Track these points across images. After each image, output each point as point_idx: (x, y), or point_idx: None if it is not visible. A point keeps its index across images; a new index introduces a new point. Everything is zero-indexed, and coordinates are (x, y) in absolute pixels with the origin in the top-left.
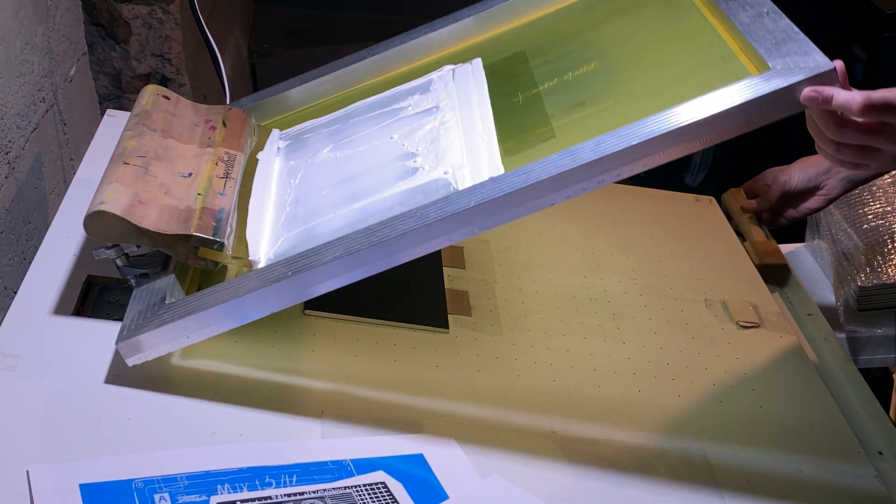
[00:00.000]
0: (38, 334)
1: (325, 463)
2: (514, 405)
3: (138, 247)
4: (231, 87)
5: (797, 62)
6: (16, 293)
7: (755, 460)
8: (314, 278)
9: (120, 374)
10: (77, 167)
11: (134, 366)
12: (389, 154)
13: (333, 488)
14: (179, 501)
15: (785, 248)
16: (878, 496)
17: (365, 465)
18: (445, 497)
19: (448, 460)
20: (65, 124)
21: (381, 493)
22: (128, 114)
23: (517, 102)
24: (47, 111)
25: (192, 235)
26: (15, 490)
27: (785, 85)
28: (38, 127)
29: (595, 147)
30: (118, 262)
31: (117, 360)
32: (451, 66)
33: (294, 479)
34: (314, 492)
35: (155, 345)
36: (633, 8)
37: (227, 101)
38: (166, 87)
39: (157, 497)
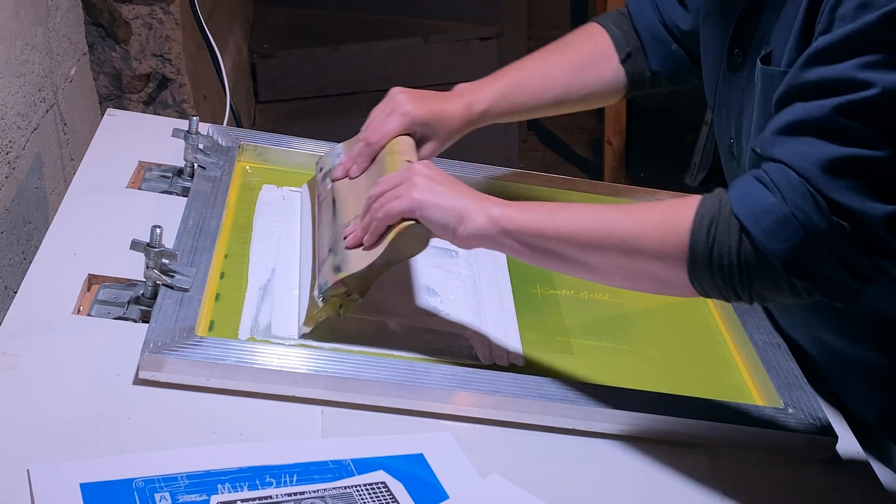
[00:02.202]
0: (38, 334)
1: (325, 462)
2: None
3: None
4: (231, 87)
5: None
6: (16, 293)
7: (755, 459)
8: (340, 385)
9: (120, 374)
10: (77, 167)
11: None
12: (410, 275)
13: (334, 488)
14: (180, 501)
15: None
16: None
17: (365, 465)
18: (445, 497)
19: (448, 460)
20: (65, 124)
21: (381, 492)
22: (127, 113)
23: (536, 294)
24: (48, 111)
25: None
26: (15, 490)
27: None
28: (39, 127)
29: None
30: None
31: (117, 360)
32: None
33: (294, 478)
34: (314, 491)
35: (174, 371)
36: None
37: (228, 101)
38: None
39: (157, 496)
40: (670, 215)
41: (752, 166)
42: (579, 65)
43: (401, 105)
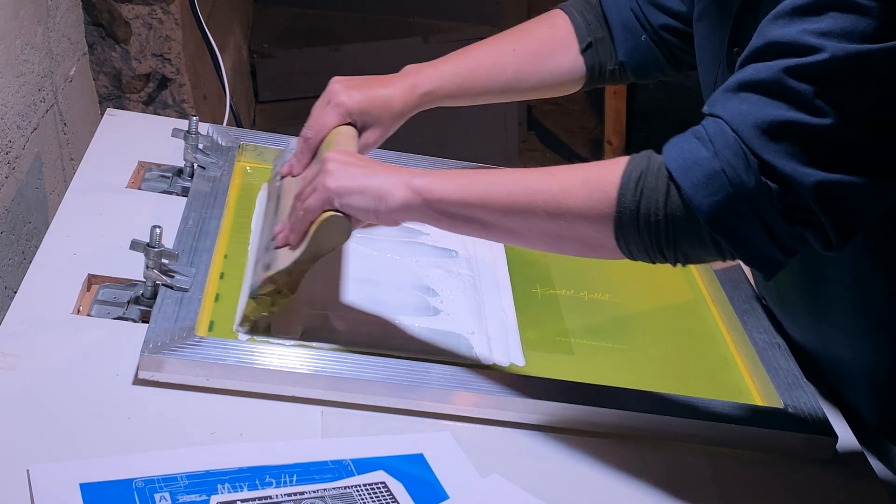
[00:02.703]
0: (38, 334)
1: (325, 462)
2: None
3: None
4: (231, 87)
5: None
6: (16, 293)
7: (755, 459)
8: (340, 385)
9: (120, 374)
10: (77, 167)
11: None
12: (410, 278)
13: (333, 488)
14: (180, 501)
15: None
16: None
17: (365, 465)
18: (445, 497)
19: (448, 460)
20: (65, 124)
21: (381, 492)
22: (127, 113)
23: (535, 294)
24: (47, 111)
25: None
26: (15, 490)
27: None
28: (39, 127)
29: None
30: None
31: (117, 359)
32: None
33: (294, 478)
34: (314, 491)
35: (174, 371)
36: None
37: (227, 101)
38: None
39: (157, 496)
40: (597, 173)
41: None
42: (535, 51)
43: (335, 95)
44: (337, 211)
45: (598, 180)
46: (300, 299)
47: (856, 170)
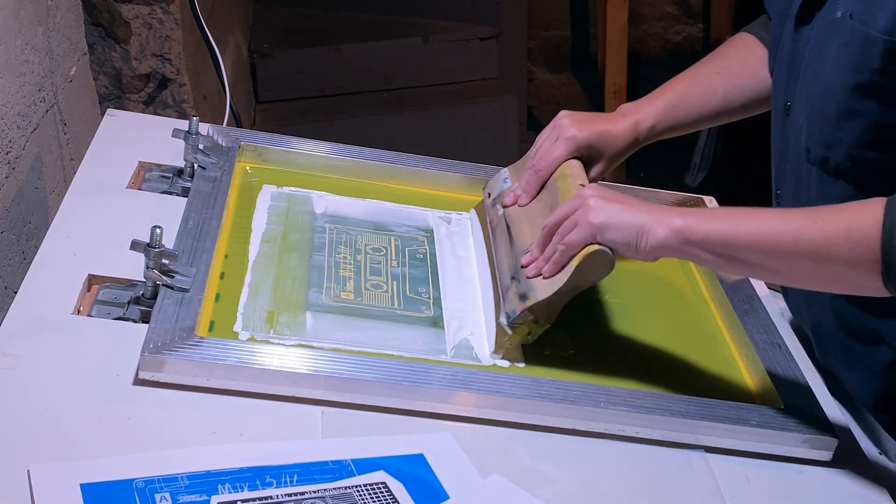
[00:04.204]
0: (38, 334)
1: (325, 463)
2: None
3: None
4: (231, 87)
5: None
6: (16, 293)
7: (755, 458)
8: (340, 385)
9: (120, 374)
10: (77, 167)
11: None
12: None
13: (334, 488)
14: (180, 501)
15: None
16: None
17: (365, 465)
18: (446, 497)
19: (448, 460)
20: (65, 124)
21: (381, 492)
22: (127, 113)
23: None
24: (47, 111)
25: None
26: (15, 490)
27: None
28: (39, 127)
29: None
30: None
31: (117, 360)
32: (470, 215)
33: (294, 478)
34: (314, 492)
35: (174, 372)
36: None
37: (228, 101)
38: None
39: (157, 497)
40: (857, 223)
41: (816, 129)
42: (737, 72)
43: (566, 129)
44: (601, 245)
45: (860, 232)
46: None
47: None
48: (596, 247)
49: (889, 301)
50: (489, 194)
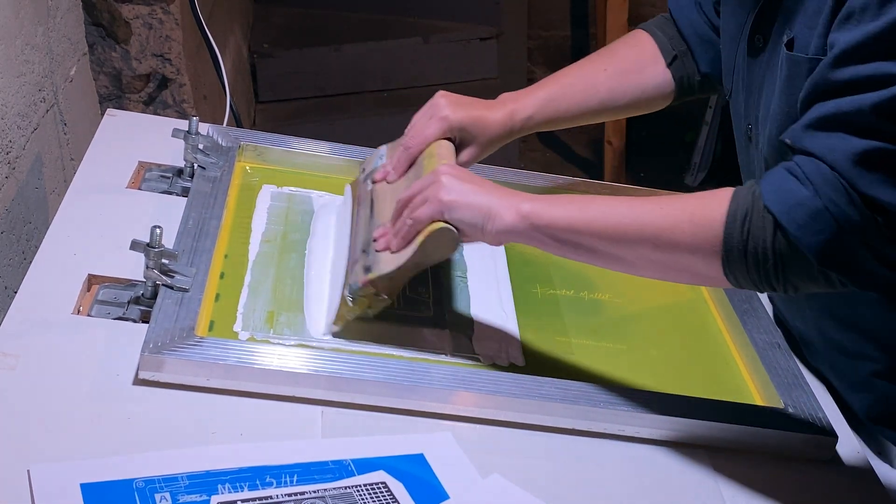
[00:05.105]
0: (38, 334)
1: (325, 463)
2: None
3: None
4: (231, 87)
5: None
6: (16, 293)
7: (755, 459)
8: (340, 385)
9: (120, 374)
10: (77, 167)
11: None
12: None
13: (334, 488)
14: (180, 501)
15: None
16: None
17: (365, 465)
18: (445, 497)
19: (448, 460)
20: (65, 124)
21: (381, 492)
22: (127, 113)
23: (535, 294)
24: (48, 111)
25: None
26: (15, 490)
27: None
28: (39, 127)
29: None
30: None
31: (117, 360)
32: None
33: (294, 478)
34: (314, 491)
35: (174, 372)
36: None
37: (228, 101)
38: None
39: (157, 497)
40: (702, 209)
41: (775, 152)
42: (624, 70)
43: (440, 109)
44: (446, 223)
45: (705, 217)
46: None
47: None
48: (441, 224)
49: (867, 318)
50: (363, 170)
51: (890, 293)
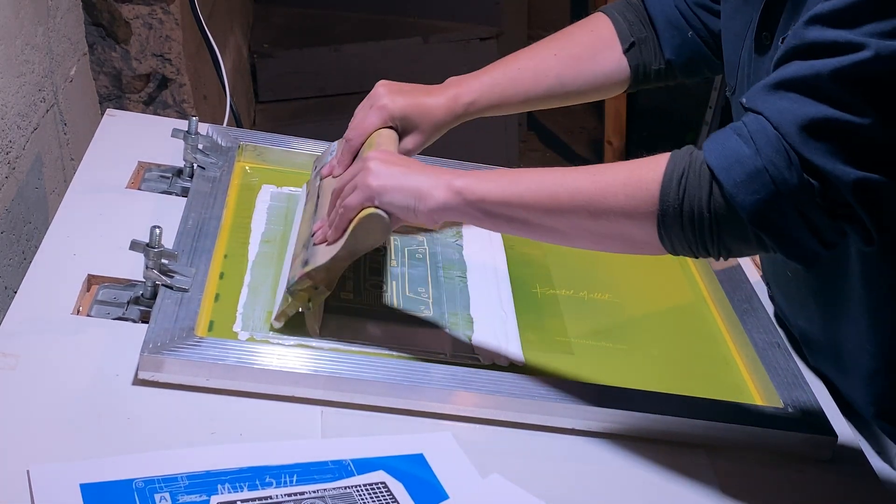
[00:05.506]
0: (38, 334)
1: (325, 463)
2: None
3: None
4: (231, 87)
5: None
6: (16, 293)
7: (755, 459)
8: (340, 385)
9: (120, 374)
10: (77, 167)
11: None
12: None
13: (334, 488)
14: (180, 501)
15: None
16: None
17: (365, 465)
18: (445, 497)
19: (448, 460)
20: (65, 124)
21: (381, 492)
22: (127, 113)
23: (535, 294)
24: (48, 111)
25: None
26: (15, 490)
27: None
28: (39, 127)
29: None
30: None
31: (117, 360)
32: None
33: (294, 478)
34: (314, 491)
35: (174, 372)
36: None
37: (228, 101)
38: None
39: (157, 497)
40: (638, 172)
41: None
42: (576, 55)
43: (379, 99)
44: (377, 208)
45: (640, 179)
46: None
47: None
48: (370, 210)
49: (871, 312)
50: (315, 167)
51: (812, 265)
